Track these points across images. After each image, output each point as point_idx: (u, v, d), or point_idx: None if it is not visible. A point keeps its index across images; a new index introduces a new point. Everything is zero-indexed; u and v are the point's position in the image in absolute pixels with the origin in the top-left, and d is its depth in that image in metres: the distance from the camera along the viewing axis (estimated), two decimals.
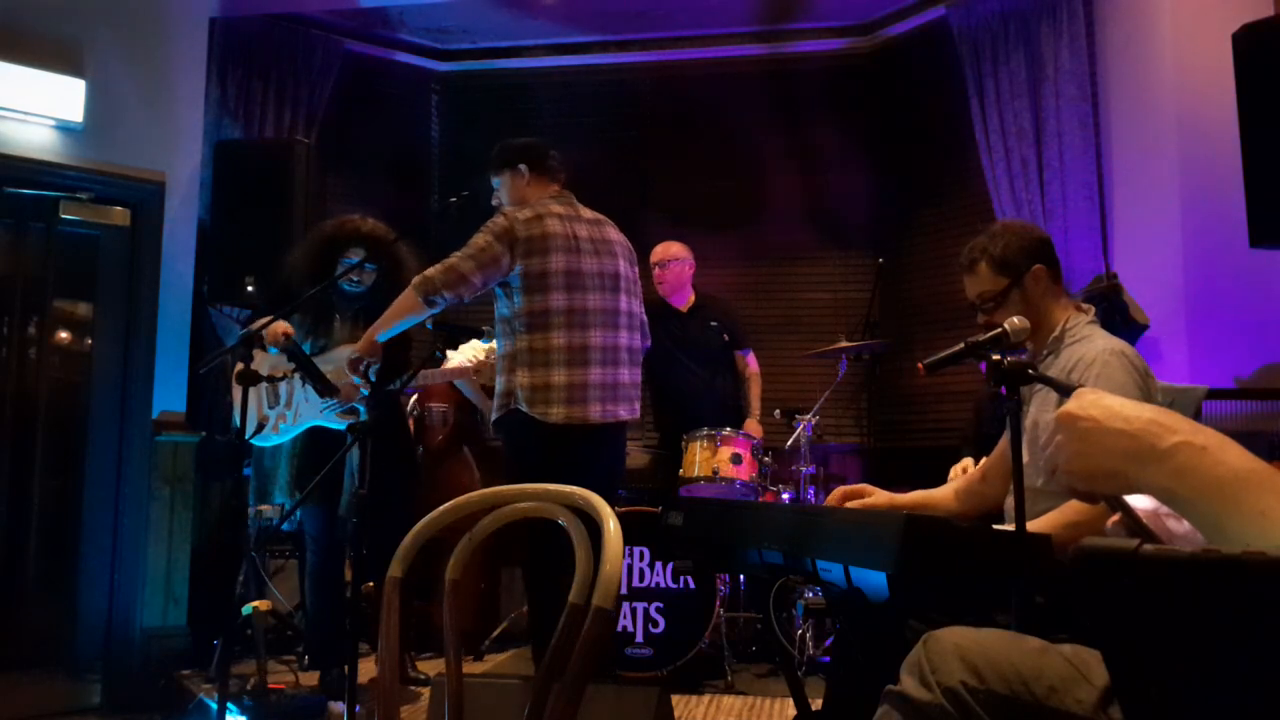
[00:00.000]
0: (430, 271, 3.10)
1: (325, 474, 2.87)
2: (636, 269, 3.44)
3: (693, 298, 4.65)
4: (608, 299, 3.23)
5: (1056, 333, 2.19)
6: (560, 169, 3.37)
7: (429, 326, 3.71)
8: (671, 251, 4.59)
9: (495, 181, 3.38)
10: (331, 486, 3.46)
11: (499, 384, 3.20)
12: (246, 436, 3.48)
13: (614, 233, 3.37)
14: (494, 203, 3.37)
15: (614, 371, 3.22)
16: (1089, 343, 2.12)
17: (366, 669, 3.10)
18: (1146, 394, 2.01)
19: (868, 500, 2.14)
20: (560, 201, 3.28)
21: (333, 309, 3.61)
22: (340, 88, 5.14)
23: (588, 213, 3.35)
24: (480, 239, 3.12)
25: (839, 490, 2.19)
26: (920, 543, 1.40)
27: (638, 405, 3.35)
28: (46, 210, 4.15)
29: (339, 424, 3.50)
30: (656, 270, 4.59)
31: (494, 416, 3.23)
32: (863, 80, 5.34)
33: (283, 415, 3.56)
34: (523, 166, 3.30)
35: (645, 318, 3.46)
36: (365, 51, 5.40)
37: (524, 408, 3.09)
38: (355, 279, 3.53)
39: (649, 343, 3.50)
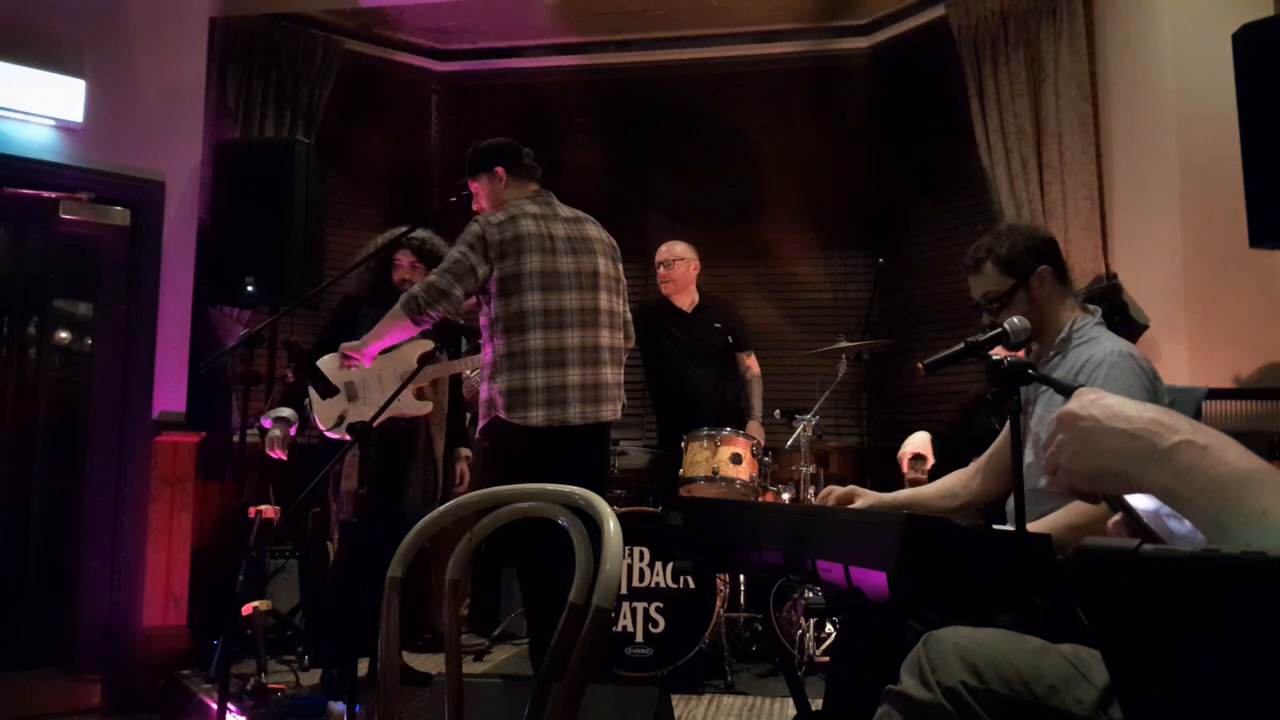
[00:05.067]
0: (416, 290, 3.09)
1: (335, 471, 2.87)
2: (619, 266, 3.36)
3: (696, 298, 4.64)
4: (586, 298, 3.17)
5: (1064, 334, 2.17)
6: (536, 167, 3.33)
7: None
8: (676, 251, 4.58)
9: (472, 186, 3.35)
10: (389, 484, 3.57)
11: (481, 392, 3.16)
12: (329, 429, 3.62)
13: (594, 230, 3.30)
14: (474, 207, 3.34)
15: (595, 371, 3.14)
16: (1097, 344, 2.10)
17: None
18: (1154, 396, 1.99)
19: (858, 504, 2.13)
20: (536, 201, 3.24)
21: None
22: (340, 88, 5.13)
23: (566, 210, 3.29)
24: (456, 251, 3.11)
25: (830, 492, 2.18)
26: (920, 543, 1.40)
27: (620, 406, 3.27)
28: (46, 210, 4.15)
29: (418, 409, 3.66)
30: (661, 269, 4.59)
31: (479, 425, 3.18)
32: (863, 80, 5.33)
33: (362, 404, 3.62)
34: (499, 169, 3.27)
35: (630, 317, 3.40)
36: (365, 51, 5.40)
37: (503, 415, 3.05)
38: (407, 280, 3.73)
39: (632, 342, 3.44)
